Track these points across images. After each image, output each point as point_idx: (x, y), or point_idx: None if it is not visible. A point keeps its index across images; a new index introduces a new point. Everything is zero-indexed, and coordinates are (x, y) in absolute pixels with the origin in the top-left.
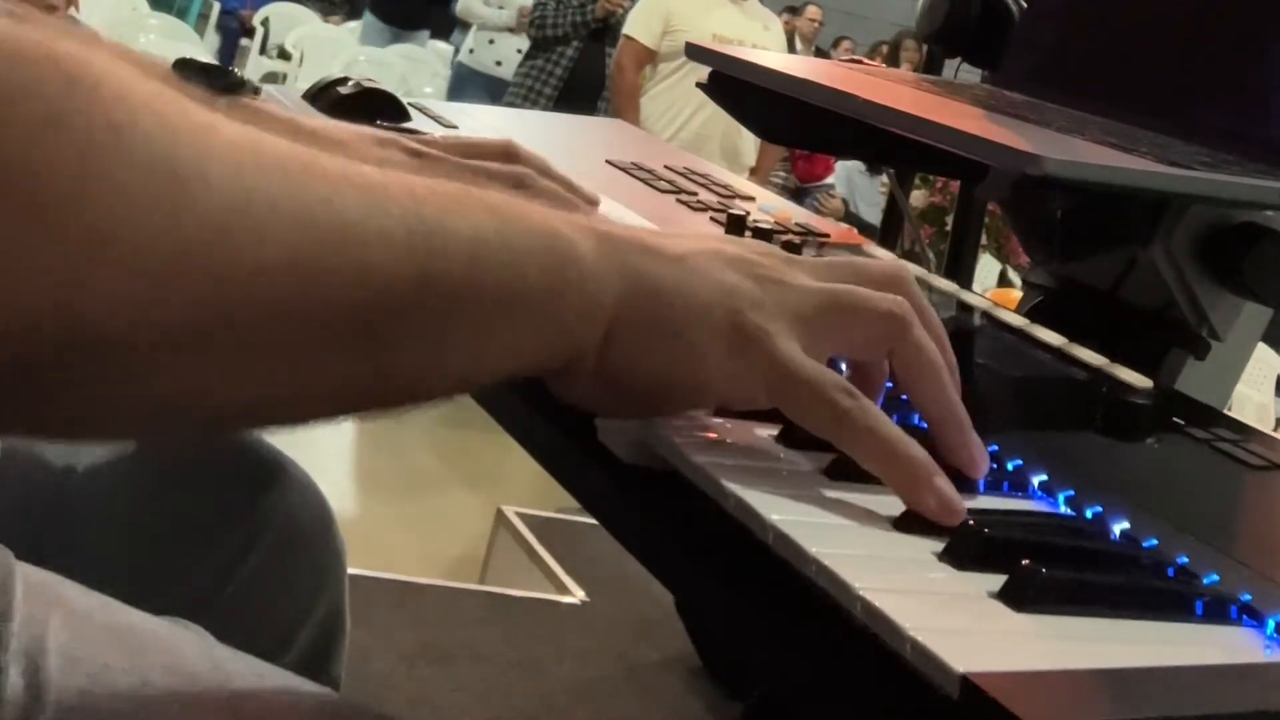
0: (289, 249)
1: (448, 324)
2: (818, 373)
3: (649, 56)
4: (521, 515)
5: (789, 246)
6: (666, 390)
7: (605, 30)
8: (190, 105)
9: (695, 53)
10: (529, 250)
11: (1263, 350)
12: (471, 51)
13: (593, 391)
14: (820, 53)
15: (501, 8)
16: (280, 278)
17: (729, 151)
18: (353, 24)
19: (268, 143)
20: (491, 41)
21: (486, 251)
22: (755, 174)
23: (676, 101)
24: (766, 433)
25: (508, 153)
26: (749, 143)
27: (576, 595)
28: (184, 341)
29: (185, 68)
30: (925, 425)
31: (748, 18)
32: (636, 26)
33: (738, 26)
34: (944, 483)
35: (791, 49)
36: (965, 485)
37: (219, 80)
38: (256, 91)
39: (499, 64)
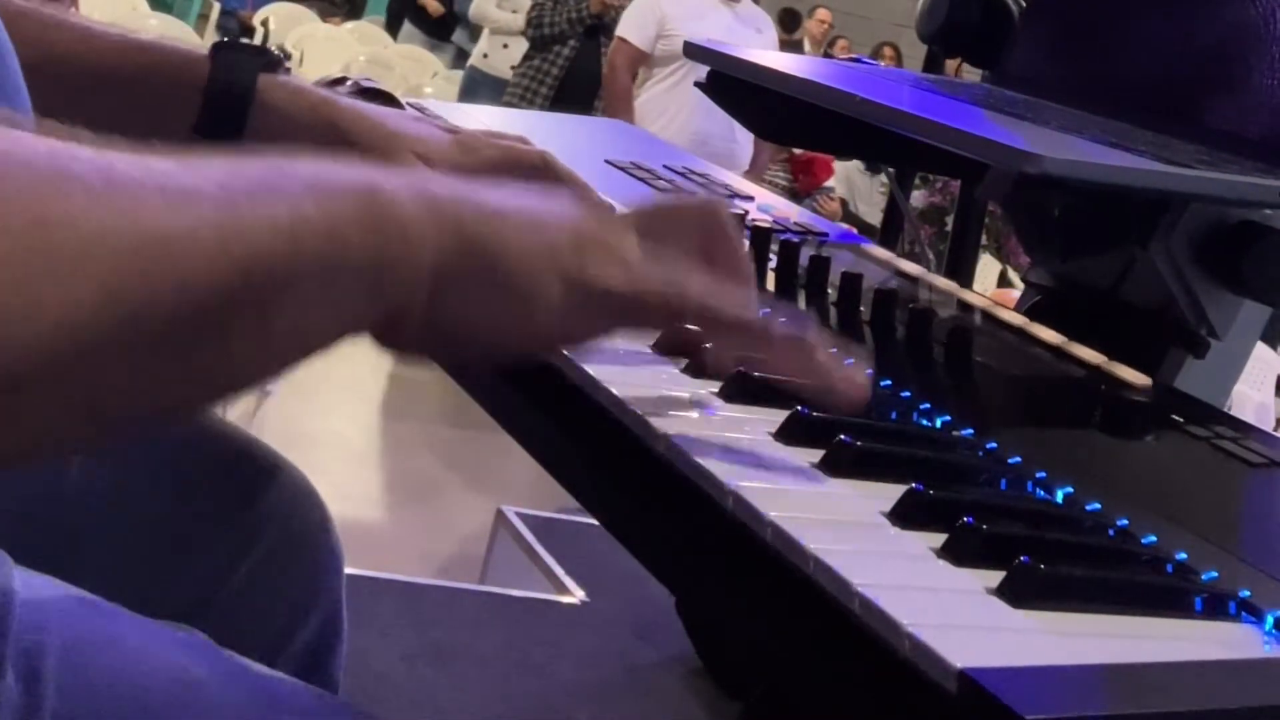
0: (99, 278)
1: (270, 310)
2: (661, 272)
3: (642, 59)
4: (521, 515)
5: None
6: (500, 336)
7: (600, 28)
8: None
9: (695, 53)
10: (348, 218)
11: (1262, 349)
12: (485, 56)
13: (422, 341)
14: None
15: (515, 11)
16: (95, 308)
17: (723, 156)
18: (352, 24)
19: (70, 161)
20: (505, 46)
21: (306, 229)
22: (749, 175)
23: (670, 105)
24: (765, 430)
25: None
26: (743, 147)
27: (576, 595)
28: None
29: (225, 49)
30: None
31: (740, 21)
32: (629, 28)
33: (730, 30)
34: (830, 358)
35: (800, 51)
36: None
37: (259, 59)
38: (289, 70)
39: (513, 68)
